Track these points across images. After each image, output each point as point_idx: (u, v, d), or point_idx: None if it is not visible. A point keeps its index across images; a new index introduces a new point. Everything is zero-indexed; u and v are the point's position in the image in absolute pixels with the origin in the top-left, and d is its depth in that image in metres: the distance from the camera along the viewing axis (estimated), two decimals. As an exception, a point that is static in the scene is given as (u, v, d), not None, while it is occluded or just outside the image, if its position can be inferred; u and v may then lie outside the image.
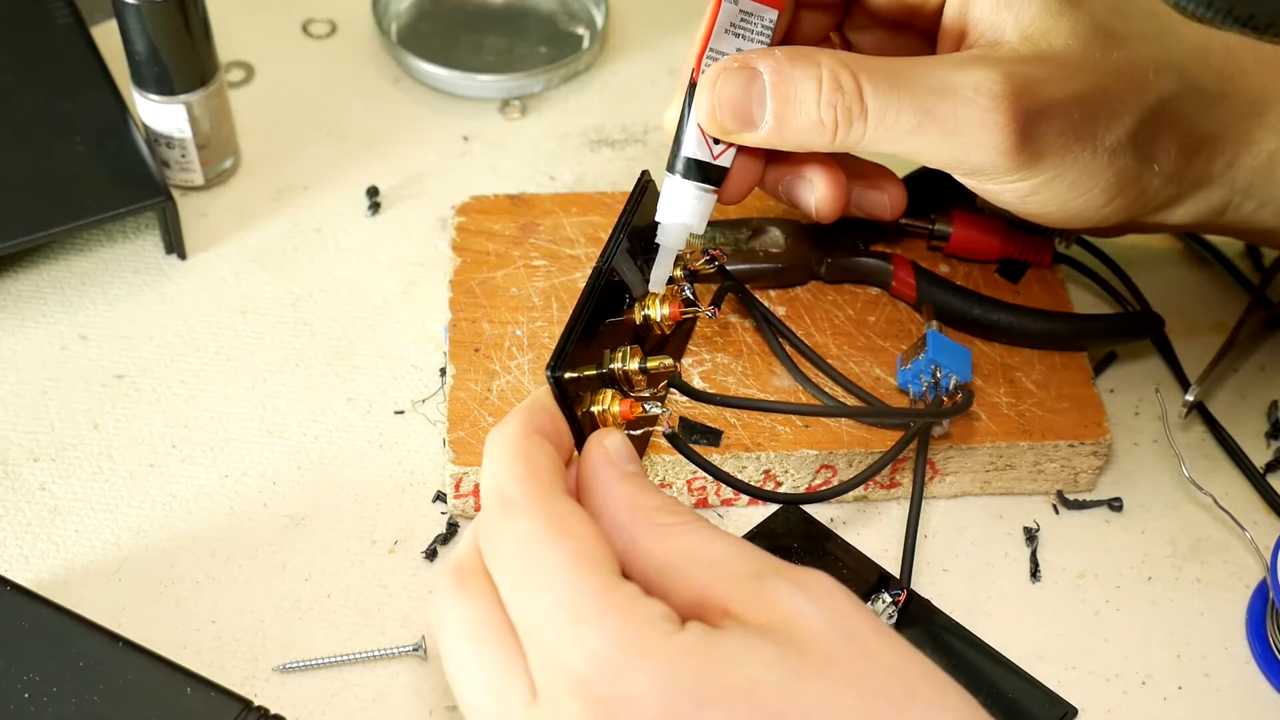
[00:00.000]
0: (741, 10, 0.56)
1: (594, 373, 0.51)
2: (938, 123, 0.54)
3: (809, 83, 0.54)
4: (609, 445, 0.48)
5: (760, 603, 0.42)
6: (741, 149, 0.58)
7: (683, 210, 0.57)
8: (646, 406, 0.51)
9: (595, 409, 0.50)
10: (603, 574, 0.42)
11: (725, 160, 0.57)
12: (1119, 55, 0.56)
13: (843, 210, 0.62)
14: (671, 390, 0.56)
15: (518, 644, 0.43)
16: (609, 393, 0.51)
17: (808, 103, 0.54)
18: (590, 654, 0.40)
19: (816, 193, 0.61)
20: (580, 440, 0.49)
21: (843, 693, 0.40)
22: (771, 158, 0.61)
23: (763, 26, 0.57)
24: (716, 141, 0.57)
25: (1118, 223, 0.60)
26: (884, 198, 0.64)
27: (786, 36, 0.62)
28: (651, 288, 0.57)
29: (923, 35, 0.61)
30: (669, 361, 0.52)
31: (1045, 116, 0.55)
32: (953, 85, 0.54)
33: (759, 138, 0.56)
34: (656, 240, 0.57)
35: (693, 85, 0.56)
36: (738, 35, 0.56)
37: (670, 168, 0.57)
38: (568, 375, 0.49)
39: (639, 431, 0.52)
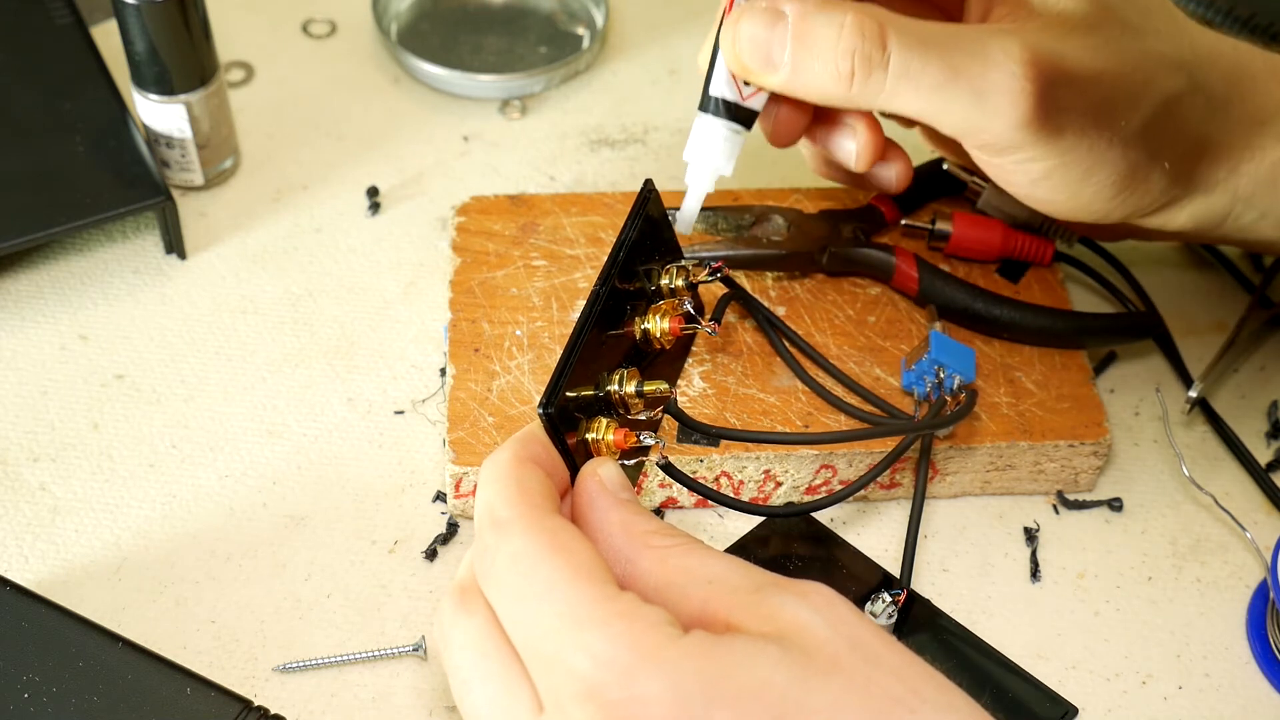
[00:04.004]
0: None
1: (590, 393, 0.51)
2: (965, 81, 0.54)
3: (830, 28, 0.54)
4: (603, 474, 0.48)
5: (762, 613, 0.42)
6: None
7: (711, 148, 0.56)
8: (641, 437, 0.51)
9: (590, 437, 0.50)
10: (600, 584, 0.42)
11: (755, 103, 0.57)
12: (1137, 47, 0.57)
13: (878, 159, 0.62)
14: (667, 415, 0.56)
15: (520, 658, 0.43)
16: (604, 421, 0.50)
17: (825, 48, 0.54)
18: (596, 658, 0.40)
19: (859, 138, 0.60)
20: (574, 471, 0.49)
21: (851, 694, 0.40)
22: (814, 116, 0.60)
23: None
24: (746, 84, 0.57)
25: (1121, 219, 0.60)
26: (891, 171, 0.64)
27: None
28: (678, 228, 0.56)
29: (946, 13, 0.62)
30: (664, 386, 0.51)
31: (1067, 91, 0.55)
32: (983, 47, 0.54)
33: (777, 82, 0.56)
34: (685, 180, 0.56)
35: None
36: None
37: (701, 106, 0.57)
38: (565, 394, 0.49)
39: (633, 461, 0.52)
